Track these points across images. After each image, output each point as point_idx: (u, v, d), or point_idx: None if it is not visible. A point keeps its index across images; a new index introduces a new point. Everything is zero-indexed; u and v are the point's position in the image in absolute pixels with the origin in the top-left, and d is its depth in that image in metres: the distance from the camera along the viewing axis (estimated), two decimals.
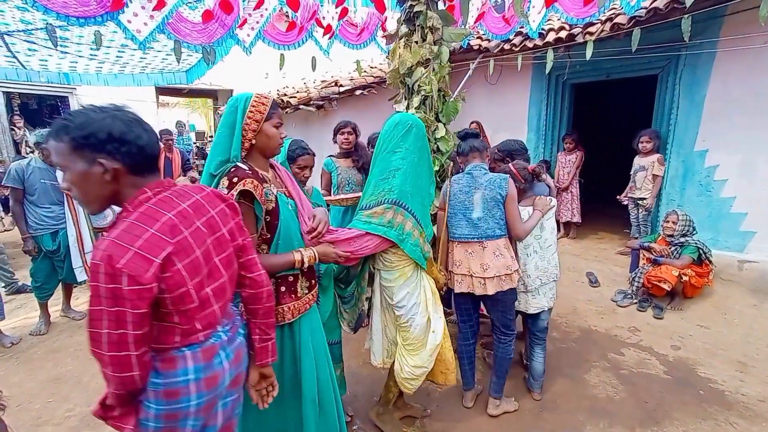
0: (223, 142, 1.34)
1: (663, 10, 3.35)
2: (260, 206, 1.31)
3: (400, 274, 1.72)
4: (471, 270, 2.01)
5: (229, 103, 1.37)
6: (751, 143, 3.53)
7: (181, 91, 10.94)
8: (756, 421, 2.14)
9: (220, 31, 3.40)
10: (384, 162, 1.72)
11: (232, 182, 1.26)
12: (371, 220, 1.65)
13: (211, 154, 1.36)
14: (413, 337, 1.76)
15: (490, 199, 1.98)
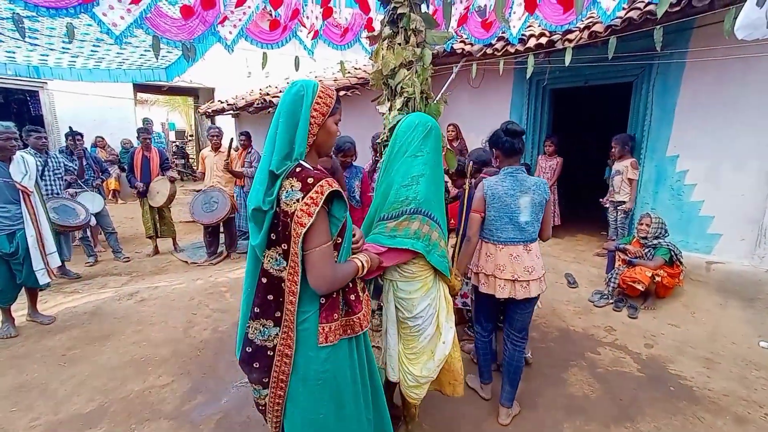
0: (286, 135, 1.17)
1: (637, 21, 3.48)
2: (344, 208, 1.20)
3: (422, 285, 1.64)
4: (516, 274, 1.98)
5: (292, 90, 1.19)
6: (718, 150, 3.71)
7: (160, 89, 10.67)
8: (720, 415, 2.23)
9: (200, 27, 3.32)
10: (406, 166, 1.59)
11: (307, 183, 1.12)
12: (396, 233, 1.55)
13: (270, 148, 1.18)
14: (419, 347, 1.69)
15: (538, 203, 1.98)
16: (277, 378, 1.27)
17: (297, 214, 1.12)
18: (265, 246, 1.20)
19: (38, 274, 3.03)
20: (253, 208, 1.16)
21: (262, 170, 1.19)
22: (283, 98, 1.20)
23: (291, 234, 1.13)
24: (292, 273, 1.18)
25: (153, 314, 3.47)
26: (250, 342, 1.28)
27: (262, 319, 1.25)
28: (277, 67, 5.88)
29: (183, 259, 5.18)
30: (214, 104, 7.95)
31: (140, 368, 2.65)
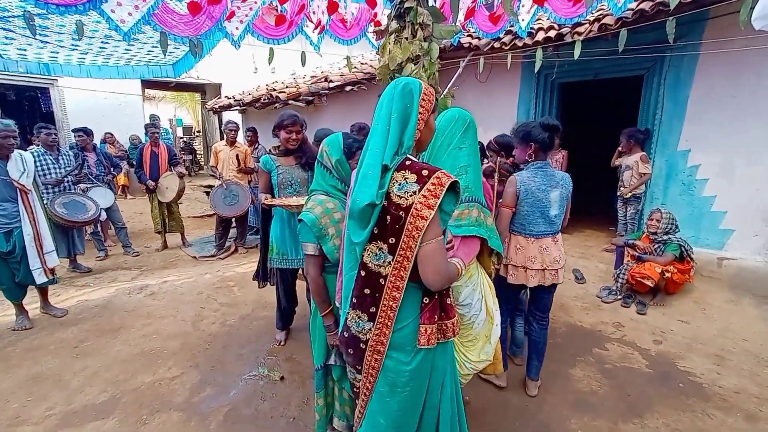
0: (399, 130, 1.15)
1: (649, 12, 3.41)
2: (454, 201, 1.17)
3: (466, 272, 1.70)
4: (545, 263, 2.12)
5: (401, 86, 1.18)
6: (731, 144, 3.63)
7: (168, 85, 10.73)
8: (731, 412, 2.21)
9: (207, 23, 3.33)
10: (452, 159, 1.66)
11: (422, 175, 1.10)
12: (461, 222, 1.62)
13: (381, 143, 1.14)
14: (475, 334, 1.76)
15: (565, 197, 2.14)
16: (368, 371, 1.26)
17: (416, 207, 1.09)
18: (367, 241, 1.17)
19: (35, 274, 3.03)
20: (366, 204, 1.11)
21: (370, 165, 1.14)
22: (390, 95, 1.18)
23: (404, 227, 1.10)
24: (399, 268, 1.14)
25: (162, 308, 3.52)
26: (347, 328, 1.28)
27: (358, 310, 1.24)
28: (283, 63, 5.89)
29: (191, 254, 5.24)
30: (220, 100, 7.98)
31: (150, 360, 2.69)
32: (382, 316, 1.19)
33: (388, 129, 1.15)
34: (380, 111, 1.19)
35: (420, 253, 1.12)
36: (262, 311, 3.44)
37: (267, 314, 3.37)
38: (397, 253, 1.13)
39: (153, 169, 5.07)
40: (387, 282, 1.16)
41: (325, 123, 4.00)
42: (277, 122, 2.54)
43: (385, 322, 1.19)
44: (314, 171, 1.75)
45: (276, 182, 2.58)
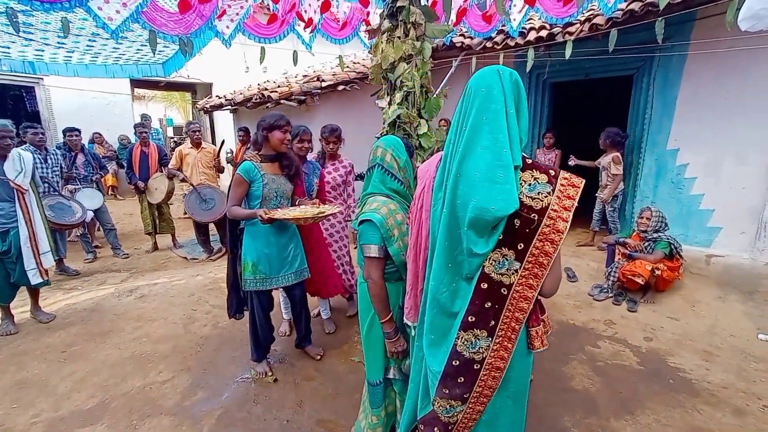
0: (515, 124, 1.03)
1: (638, 12, 3.45)
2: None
3: None
4: None
5: (508, 75, 1.05)
6: (718, 144, 3.69)
7: (157, 84, 10.57)
8: (719, 407, 2.24)
9: (198, 21, 3.29)
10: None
11: (550, 175, 1.03)
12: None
13: (501, 140, 1.01)
14: None
15: None
16: (480, 393, 1.15)
17: (553, 208, 1.00)
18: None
19: (30, 274, 3.00)
20: (506, 212, 0.99)
21: (496, 167, 1.00)
22: (498, 86, 1.03)
23: (537, 232, 1.01)
24: (529, 276, 1.04)
25: (153, 310, 3.47)
26: (458, 354, 1.13)
27: (476, 329, 1.11)
28: (275, 62, 5.83)
29: (182, 255, 5.17)
30: (211, 99, 7.90)
31: (140, 364, 2.65)
32: (503, 329, 1.09)
33: (506, 124, 1.01)
34: (489, 104, 1.02)
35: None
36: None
37: None
38: (526, 260, 1.03)
39: (143, 170, 4.99)
40: (512, 291, 1.06)
41: (317, 123, 3.97)
42: (269, 122, 2.20)
43: (508, 335, 1.10)
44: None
45: (261, 194, 2.23)
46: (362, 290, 1.66)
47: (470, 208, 1.01)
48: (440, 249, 1.12)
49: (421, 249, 1.26)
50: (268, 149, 2.28)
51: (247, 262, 2.28)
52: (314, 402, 2.28)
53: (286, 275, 2.39)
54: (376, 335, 1.64)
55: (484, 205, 0.99)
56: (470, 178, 1.02)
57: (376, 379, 1.69)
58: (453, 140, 1.11)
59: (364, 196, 1.63)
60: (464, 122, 1.07)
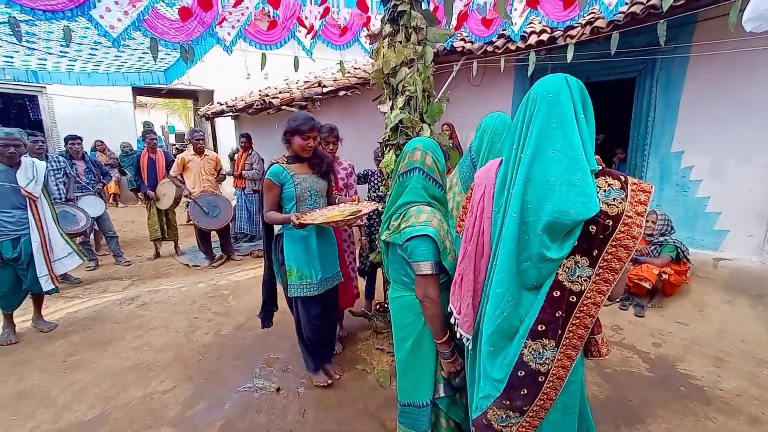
0: (585, 130, 1.04)
1: (640, 15, 3.43)
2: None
3: None
4: None
5: (575, 83, 1.06)
6: (724, 145, 3.65)
7: (159, 92, 10.65)
8: (733, 415, 2.19)
9: (199, 29, 3.29)
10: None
11: (621, 180, 1.03)
12: None
13: (575, 144, 1.01)
14: None
15: None
16: (540, 407, 1.12)
17: (627, 214, 0.99)
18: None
19: (42, 281, 3.03)
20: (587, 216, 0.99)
21: (574, 170, 0.99)
22: (567, 93, 1.03)
23: (610, 237, 1.00)
24: (600, 282, 1.03)
25: (154, 318, 3.44)
26: (525, 365, 1.10)
27: (544, 338, 1.08)
28: (276, 69, 5.84)
29: (184, 262, 5.16)
30: (213, 106, 7.92)
31: (142, 374, 2.62)
32: (569, 337, 1.08)
33: (578, 129, 1.02)
34: (559, 108, 1.02)
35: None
36: (257, 321, 3.35)
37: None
38: (599, 266, 1.02)
39: (151, 177, 5.01)
40: (582, 299, 1.05)
41: None
42: (292, 125, 2.14)
43: (573, 343, 1.08)
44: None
45: (294, 195, 2.19)
46: (401, 307, 1.56)
47: (546, 212, 1.00)
48: (506, 256, 1.09)
49: (480, 257, 1.21)
50: (291, 151, 2.25)
51: (291, 268, 2.22)
52: (318, 411, 2.24)
53: (329, 279, 2.35)
54: (424, 354, 1.52)
55: (563, 208, 0.98)
56: (544, 182, 1.01)
57: (424, 400, 1.54)
58: (516, 145, 1.10)
59: (402, 206, 1.48)
60: (529, 127, 1.06)
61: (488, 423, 1.19)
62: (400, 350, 1.57)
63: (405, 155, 1.51)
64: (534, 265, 1.05)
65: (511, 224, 1.07)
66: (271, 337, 3.03)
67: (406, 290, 1.54)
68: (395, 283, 1.60)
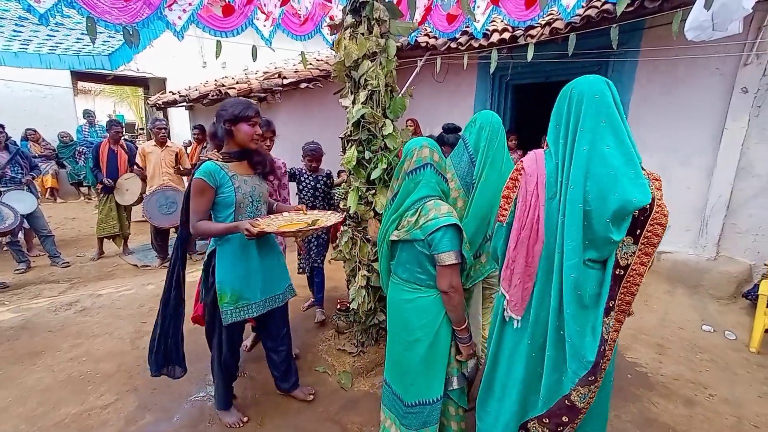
0: (628, 129, 1.23)
1: (595, 18, 3.57)
2: None
3: None
4: None
5: (613, 87, 1.25)
6: (667, 146, 3.91)
7: (104, 78, 9.81)
8: (672, 399, 2.35)
9: (145, 10, 3.02)
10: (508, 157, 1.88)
11: (645, 170, 1.23)
12: None
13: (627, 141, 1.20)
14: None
15: None
16: (602, 375, 1.28)
17: (659, 198, 1.19)
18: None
19: None
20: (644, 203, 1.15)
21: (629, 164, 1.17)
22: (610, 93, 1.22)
23: (649, 218, 1.18)
24: (642, 255, 1.21)
25: (96, 325, 3.15)
26: (604, 341, 1.24)
27: (612, 312, 1.24)
28: (234, 58, 5.55)
29: (132, 262, 4.79)
30: (164, 95, 7.41)
31: (78, 387, 2.38)
32: (620, 305, 1.25)
33: (624, 127, 1.20)
34: (605, 108, 1.19)
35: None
36: None
37: None
38: (641, 242, 1.20)
39: (111, 170, 4.59)
40: (629, 272, 1.22)
41: (279, 121, 3.80)
42: (234, 112, 1.78)
43: (623, 309, 1.25)
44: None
45: (234, 200, 1.80)
46: (418, 308, 1.55)
47: (612, 201, 1.15)
48: (577, 241, 1.21)
49: (534, 243, 1.30)
50: (232, 145, 1.85)
51: (224, 291, 1.82)
52: (275, 418, 2.14)
53: (274, 297, 2.03)
54: (440, 352, 1.56)
55: (627, 197, 1.13)
56: (604, 175, 1.16)
57: (437, 396, 1.59)
58: (563, 140, 1.25)
59: (417, 201, 1.51)
60: (577, 124, 1.21)
61: (571, 404, 1.29)
62: (412, 351, 1.58)
63: (412, 153, 1.55)
64: (598, 247, 1.21)
65: (577, 212, 1.20)
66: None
67: (424, 289, 1.55)
68: (409, 283, 1.58)
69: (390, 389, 1.71)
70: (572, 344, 1.25)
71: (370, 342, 2.68)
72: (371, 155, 2.41)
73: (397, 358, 1.65)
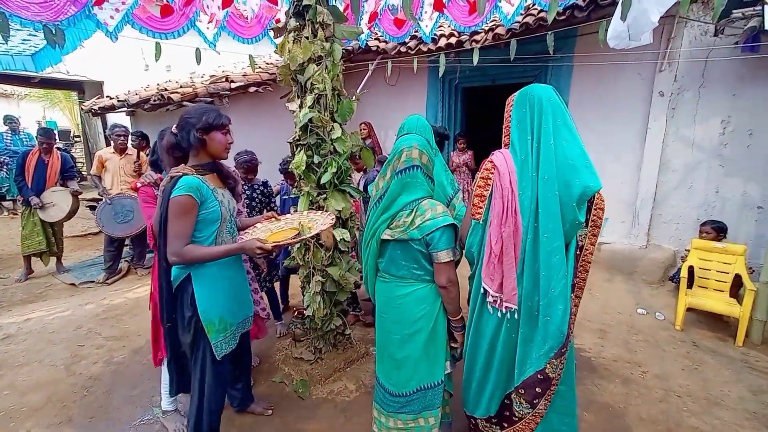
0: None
1: (532, 26, 3.80)
2: None
3: None
4: None
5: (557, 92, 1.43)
6: (600, 145, 4.23)
7: (29, 80, 8.93)
8: (611, 379, 2.53)
9: (71, 8, 2.79)
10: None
11: None
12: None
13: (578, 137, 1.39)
14: None
15: None
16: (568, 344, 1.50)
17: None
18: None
19: None
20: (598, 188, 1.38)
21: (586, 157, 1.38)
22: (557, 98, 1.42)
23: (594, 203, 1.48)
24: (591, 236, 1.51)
25: (22, 353, 2.86)
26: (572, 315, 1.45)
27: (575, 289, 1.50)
28: (179, 61, 5.28)
29: (69, 281, 4.39)
30: (101, 100, 6.89)
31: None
32: (577, 282, 1.49)
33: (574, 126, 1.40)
34: (558, 110, 1.37)
35: None
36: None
37: None
38: (590, 224, 1.45)
39: (38, 181, 4.18)
40: (584, 251, 1.48)
41: None
42: (208, 120, 1.62)
43: (581, 285, 1.52)
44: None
45: (219, 216, 1.65)
46: (416, 300, 1.61)
47: (577, 186, 1.32)
48: (557, 225, 1.34)
49: (517, 234, 1.40)
50: (203, 156, 1.68)
51: (211, 320, 1.64)
52: None
53: (246, 320, 1.88)
54: (439, 337, 1.66)
55: (587, 183, 1.31)
56: (567, 165, 1.33)
57: (439, 379, 1.68)
58: (530, 137, 1.39)
59: (412, 202, 1.55)
60: (541, 124, 1.37)
61: (545, 376, 1.42)
62: (412, 341, 1.63)
63: (401, 152, 1.57)
64: (567, 230, 1.36)
65: (554, 200, 1.34)
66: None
67: (420, 283, 1.61)
68: (404, 279, 1.62)
69: (383, 388, 1.73)
70: (550, 321, 1.37)
71: (328, 348, 2.66)
72: (320, 159, 2.39)
73: (394, 353, 1.67)
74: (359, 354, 2.72)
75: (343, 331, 2.71)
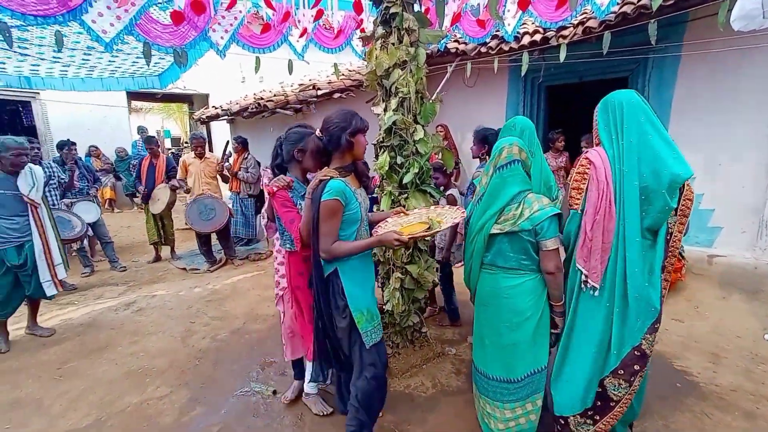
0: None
1: (631, 15, 3.46)
2: None
3: None
4: None
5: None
6: (716, 142, 3.69)
7: (154, 96, 10.62)
8: (729, 410, 2.20)
9: (192, 33, 3.29)
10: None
11: None
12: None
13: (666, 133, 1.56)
14: None
15: None
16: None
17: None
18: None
19: (45, 286, 3.06)
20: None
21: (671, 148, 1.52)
22: (640, 99, 1.57)
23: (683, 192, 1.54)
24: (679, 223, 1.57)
25: (150, 324, 3.42)
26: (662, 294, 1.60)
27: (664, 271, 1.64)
28: (270, 72, 5.83)
29: (181, 266, 5.13)
30: (208, 110, 7.91)
31: (137, 380, 2.60)
32: (668, 268, 1.59)
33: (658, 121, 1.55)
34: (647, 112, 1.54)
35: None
36: (254, 324, 3.36)
37: (258, 327, 3.30)
38: (678, 213, 1.54)
39: (149, 181, 5.04)
40: (673, 237, 1.57)
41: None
42: (357, 125, 1.71)
43: (669, 269, 1.60)
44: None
45: (360, 216, 1.74)
46: (524, 291, 1.73)
47: (665, 175, 1.45)
48: (635, 213, 1.51)
49: (610, 221, 1.54)
50: (347, 158, 1.75)
51: (360, 311, 1.71)
52: (314, 415, 2.23)
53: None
54: (544, 324, 1.77)
55: (676, 171, 1.45)
56: (653, 157, 1.48)
57: (543, 364, 1.79)
58: (614, 136, 1.57)
59: (518, 194, 1.69)
60: (623, 124, 1.54)
61: (641, 352, 1.56)
62: (520, 330, 1.74)
63: (502, 150, 1.72)
64: (657, 215, 1.50)
65: (635, 189, 1.50)
66: (267, 341, 3.02)
67: (527, 274, 1.73)
68: (513, 270, 1.74)
69: (487, 378, 1.83)
70: (641, 297, 1.52)
71: (405, 344, 2.73)
72: (403, 160, 2.48)
73: (501, 343, 1.77)
74: (435, 353, 2.75)
75: (420, 329, 2.76)
